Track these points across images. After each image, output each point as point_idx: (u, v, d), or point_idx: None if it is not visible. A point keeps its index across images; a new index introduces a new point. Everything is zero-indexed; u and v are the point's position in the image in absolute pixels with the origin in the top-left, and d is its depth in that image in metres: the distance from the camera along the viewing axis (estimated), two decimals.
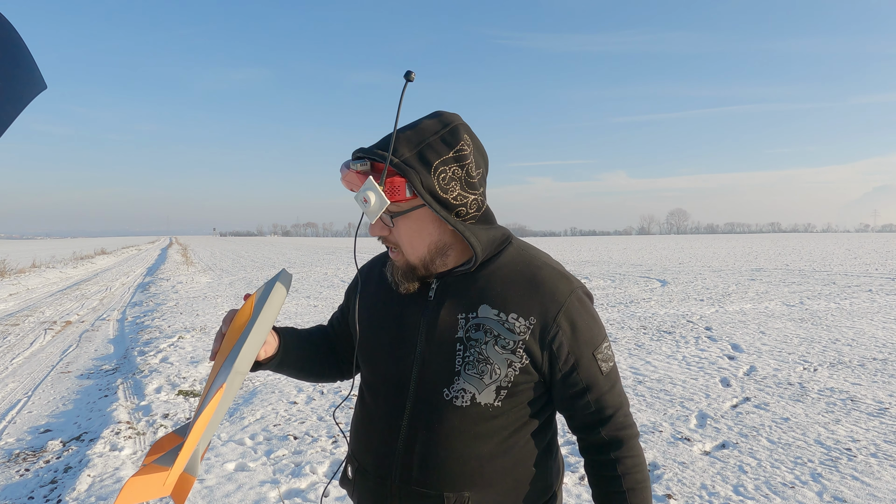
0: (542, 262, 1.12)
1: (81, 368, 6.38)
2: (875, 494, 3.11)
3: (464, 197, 1.04)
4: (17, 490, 3.39)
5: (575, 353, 1.07)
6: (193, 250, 44.48)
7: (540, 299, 1.06)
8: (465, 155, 1.04)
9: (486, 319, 1.06)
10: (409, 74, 1.00)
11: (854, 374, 5.51)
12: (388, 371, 1.13)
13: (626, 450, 1.09)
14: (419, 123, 1.06)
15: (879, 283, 13.69)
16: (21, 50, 1.14)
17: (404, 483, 1.09)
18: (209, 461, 3.63)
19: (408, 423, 1.10)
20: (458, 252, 1.11)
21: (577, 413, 1.10)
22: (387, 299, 1.18)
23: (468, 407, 1.06)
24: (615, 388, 1.11)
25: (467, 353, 1.05)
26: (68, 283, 16.75)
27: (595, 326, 1.10)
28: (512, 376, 1.05)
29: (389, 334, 1.14)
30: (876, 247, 37.48)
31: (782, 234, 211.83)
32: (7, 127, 1.10)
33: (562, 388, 1.09)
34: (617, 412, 1.10)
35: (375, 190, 0.98)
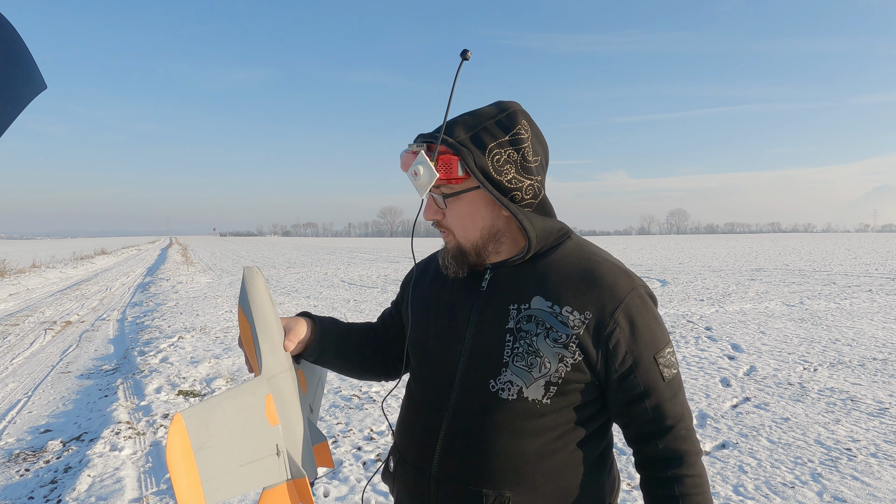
0: (601, 257, 1.08)
1: (81, 368, 6.38)
2: (875, 494, 3.11)
3: (519, 181, 1.02)
4: (17, 490, 3.39)
5: (633, 354, 1.00)
6: (193, 250, 44.49)
7: (597, 294, 1.01)
8: (521, 139, 1.02)
9: (538, 311, 1.02)
10: (465, 53, 0.99)
11: (854, 374, 5.51)
12: (436, 360, 1.11)
13: (687, 467, 1.00)
14: (478, 110, 1.06)
15: (879, 283, 13.69)
16: (21, 50, 1.14)
17: (443, 476, 1.06)
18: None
19: (451, 414, 1.06)
20: (512, 241, 1.08)
21: (633, 421, 1.03)
22: (440, 290, 1.16)
23: (514, 401, 1.02)
24: (677, 397, 1.03)
25: (517, 344, 1.02)
26: (68, 283, 16.75)
27: (658, 329, 1.04)
28: (563, 372, 1.00)
29: (440, 324, 1.13)
30: (876, 247, 37.49)
31: (782, 234, 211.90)
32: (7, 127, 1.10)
33: (617, 392, 1.02)
34: (678, 424, 1.02)
35: (425, 163, 0.98)
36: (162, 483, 3.37)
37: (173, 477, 0.86)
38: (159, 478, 3.45)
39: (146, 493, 3.27)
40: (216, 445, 0.92)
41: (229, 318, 9.27)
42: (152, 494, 3.24)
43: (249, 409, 0.99)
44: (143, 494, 3.25)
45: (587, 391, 1.03)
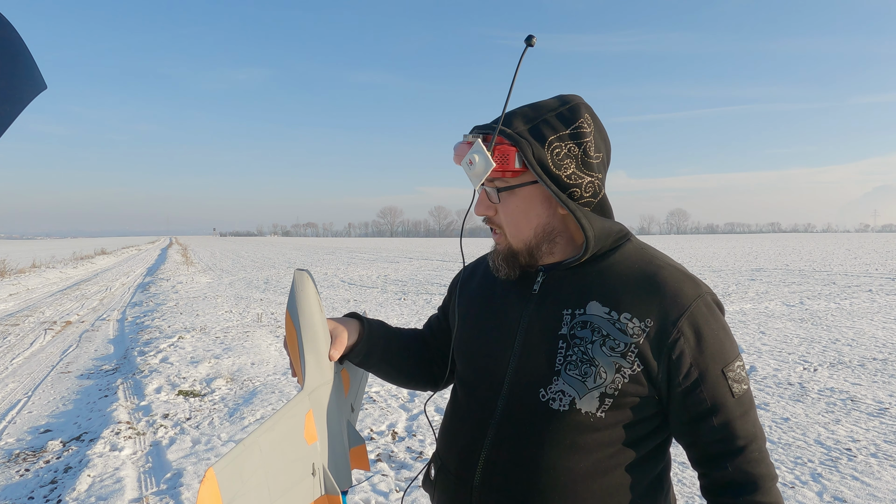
0: (664, 261, 1.01)
1: (81, 368, 6.38)
2: (875, 494, 3.11)
3: (579, 177, 0.97)
4: (17, 490, 3.39)
5: (699, 366, 0.92)
6: (193, 250, 44.49)
7: (660, 300, 0.94)
8: (583, 133, 0.97)
9: (594, 317, 0.96)
10: (531, 39, 0.94)
11: (854, 374, 5.51)
12: (483, 366, 1.06)
13: (762, 494, 0.91)
14: (539, 102, 1.01)
15: (879, 283, 13.70)
16: (21, 50, 1.14)
17: (486, 488, 1.00)
18: (209, 462, 3.63)
19: (497, 422, 1.00)
20: (567, 242, 1.03)
21: (699, 440, 0.95)
22: (489, 293, 1.12)
23: (566, 412, 0.95)
24: (749, 415, 0.94)
25: (570, 351, 0.95)
26: (68, 284, 16.76)
27: (727, 340, 0.95)
28: (619, 384, 0.93)
29: (488, 328, 1.07)
30: (876, 247, 37.49)
31: (782, 234, 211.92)
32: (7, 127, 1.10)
33: (681, 408, 0.94)
34: (750, 444, 0.93)
35: (481, 152, 0.94)
36: (162, 483, 3.38)
37: None
38: (159, 478, 3.45)
39: (146, 493, 3.27)
40: (250, 492, 0.86)
41: (229, 318, 9.28)
42: (152, 494, 3.24)
43: (288, 437, 0.94)
44: (143, 494, 3.25)
45: (646, 406, 0.96)
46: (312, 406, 1.01)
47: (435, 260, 26.27)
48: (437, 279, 15.92)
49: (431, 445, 3.85)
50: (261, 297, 12.34)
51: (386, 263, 23.89)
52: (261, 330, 8.17)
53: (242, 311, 10.04)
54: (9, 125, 1.10)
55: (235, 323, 8.85)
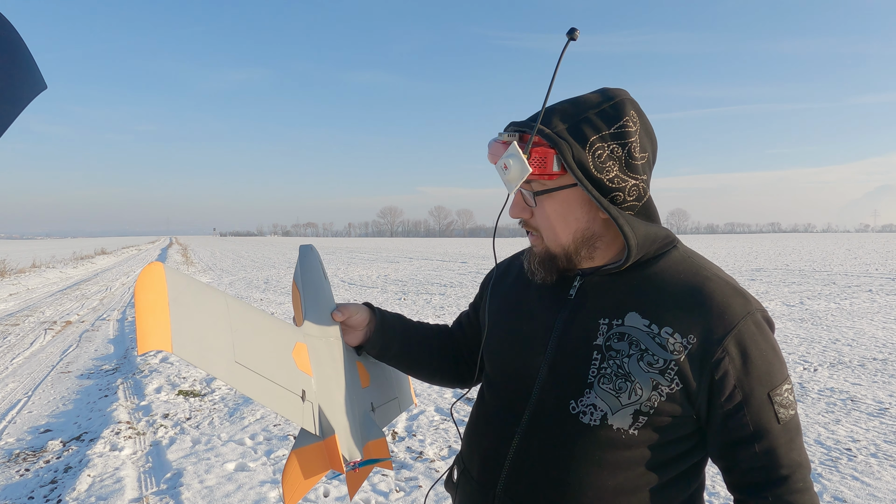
0: (712, 272, 0.94)
1: (81, 368, 6.38)
2: (875, 494, 3.11)
3: (622, 180, 0.91)
4: (17, 490, 3.39)
5: (744, 388, 0.87)
6: (193, 250, 44.50)
7: (705, 315, 0.88)
8: (628, 133, 0.91)
9: (633, 329, 0.90)
10: (573, 32, 0.87)
11: (854, 374, 5.51)
12: (512, 370, 1.01)
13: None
14: (580, 97, 0.94)
15: (879, 283, 13.70)
16: (21, 50, 1.13)
17: (508, 496, 0.97)
18: (209, 461, 3.63)
19: (524, 431, 0.96)
20: (608, 246, 0.97)
21: (738, 466, 0.89)
22: (522, 294, 1.07)
23: (597, 427, 0.90)
24: (794, 442, 0.89)
25: (604, 364, 0.90)
26: (68, 283, 16.75)
27: (776, 361, 0.89)
28: (656, 402, 0.88)
29: (519, 330, 1.02)
30: (876, 247, 37.49)
31: (782, 234, 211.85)
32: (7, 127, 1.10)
33: (721, 431, 0.89)
34: (794, 474, 0.87)
35: (517, 156, 0.88)
36: (162, 483, 3.38)
37: (137, 303, 0.79)
38: (159, 478, 3.45)
39: (146, 493, 3.27)
40: (201, 316, 0.87)
41: None
42: (152, 494, 3.24)
43: (269, 333, 0.97)
44: (143, 494, 3.25)
45: (682, 425, 0.91)
46: (308, 345, 1.05)
47: (435, 260, 26.27)
48: (437, 279, 15.92)
49: (431, 445, 3.85)
50: (261, 297, 12.33)
51: (386, 263, 23.89)
52: None
53: None
54: (9, 125, 1.10)
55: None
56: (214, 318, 0.89)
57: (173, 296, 0.83)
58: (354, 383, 1.12)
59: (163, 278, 0.84)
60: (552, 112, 0.93)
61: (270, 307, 10.56)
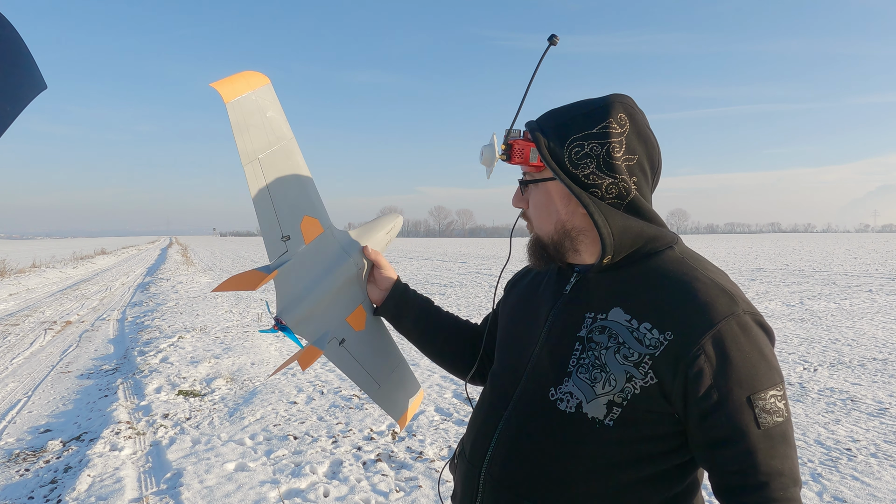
0: (703, 273, 0.93)
1: (81, 368, 6.38)
2: (875, 494, 3.11)
3: (598, 177, 0.95)
4: (17, 490, 3.39)
5: (720, 389, 0.85)
6: (193, 250, 44.49)
7: (685, 313, 0.88)
8: (610, 133, 0.95)
9: (614, 323, 0.93)
10: (553, 38, 0.98)
11: (854, 374, 5.51)
12: (510, 360, 1.10)
13: None
14: (583, 100, 1.02)
15: (879, 283, 13.70)
16: (21, 50, 1.13)
17: (489, 476, 1.03)
18: (209, 461, 3.63)
19: (508, 415, 1.03)
20: (593, 242, 1.01)
21: (716, 469, 0.89)
22: (532, 292, 1.15)
23: (572, 414, 0.94)
24: (777, 450, 0.85)
25: (584, 354, 0.95)
26: (68, 283, 16.75)
27: (762, 365, 0.87)
28: (629, 394, 0.89)
29: (521, 324, 1.11)
30: (876, 247, 37.49)
31: (782, 234, 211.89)
32: (7, 127, 1.10)
33: (697, 430, 0.88)
34: (772, 482, 0.84)
35: (490, 145, 1.03)
36: (162, 483, 3.38)
37: None
38: (159, 478, 3.45)
39: (146, 493, 3.27)
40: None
41: (229, 318, 9.27)
42: (152, 494, 3.24)
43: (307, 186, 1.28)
44: (143, 494, 3.25)
45: (660, 422, 0.91)
46: (322, 234, 1.27)
47: (435, 260, 26.26)
48: (437, 279, 15.92)
49: (432, 445, 3.85)
50: (261, 297, 12.33)
51: None
52: None
53: (242, 311, 10.04)
54: (9, 125, 1.10)
55: (235, 323, 8.85)
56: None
57: None
58: (340, 300, 1.24)
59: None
60: (552, 112, 1.02)
61: (272, 307, 10.56)
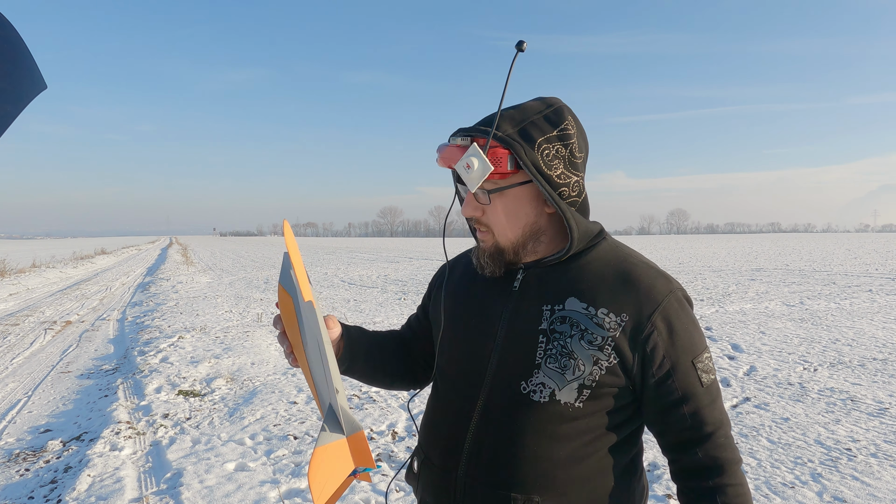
0: (638, 259, 1.06)
1: (81, 368, 6.38)
2: (875, 494, 3.11)
3: (567, 177, 1.01)
4: (17, 490, 3.39)
5: (671, 358, 0.98)
6: (193, 250, 44.48)
7: (634, 296, 0.99)
8: (569, 134, 1.02)
9: (572, 312, 1.00)
10: (521, 44, 0.98)
11: (854, 374, 5.51)
12: (465, 360, 1.09)
13: (729, 476, 0.97)
14: (522, 104, 1.04)
15: (879, 283, 13.70)
16: (21, 50, 1.13)
17: (470, 479, 1.04)
18: (209, 461, 3.63)
19: (479, 415, 1.04)
20: (551, 240, 1.07)
21: (671, 428, 1.00)
22: (470, 289, 1.14)
23: (546, 403, 0.99)
24: (716, 403, 1.00)
25: (550, 345, 1.00)
26: (68, 283, 16.75)
27: (696, 333, 1.01)
28: (597, 375, 0.98)
29: (470, 323, 1.10)
30: (876, 247, 37.49)
31: (782, 234, 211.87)
32: (7, 127, 1.10)
33: (654, 398, 1.00)
34: (717, 431, 0.99)
35: (479, 155, 0.96)
36: (162, 483, 3.38)
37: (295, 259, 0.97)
38: (159, 478, 3.45)
39: (146, 492, 3.27)
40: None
41: (229, 318, 9.27)
42: (152, 494, 3.24)
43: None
44: (143, 494, 3.25)
45: (621, 396, 1.01)
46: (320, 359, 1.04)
47: (435, 260, 26.26)
48: None
49: None
50: (261, 296, 12.33)
51: (386, 263, 23.89)
52: (261, 330, 8.17)
53: (242, 311, 10.04)
54: (9, 125, 1.10)
55: (235, 323, 8.85)
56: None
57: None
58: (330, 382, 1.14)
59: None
60: (501, 118, 1.01)
61: (270, 307, 10.56)
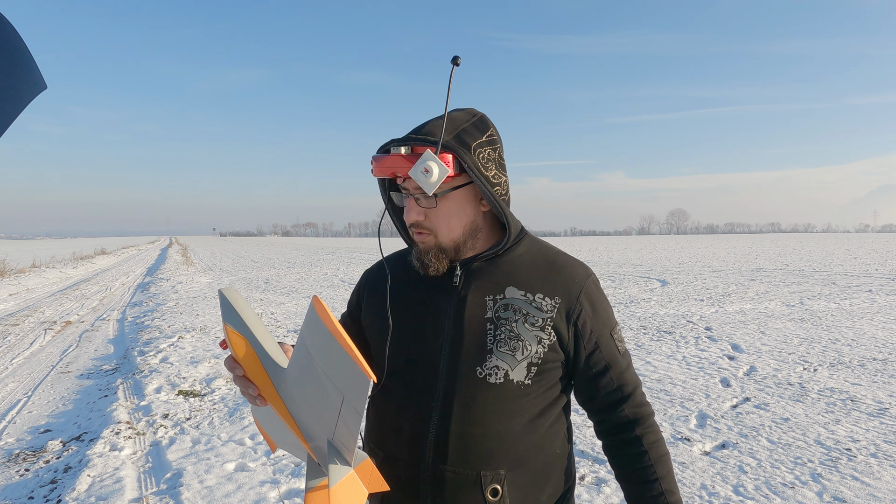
0: (557, 250, 1.22)
1: (81, 368, 6.38)
2: (875, 494, 3.11)
3: (499, 177, 1.11)
4: (17, 490, 3.39)
5: (596, 332, 1.13)
6: (193, 250, 44.47)
7: (563, 281, 1.13)
8: (495, 140, 1.13)
9: (514, 300, 1.11)
10: (456, 59, 1.04)
11: (854, 374, 5.51)
12: (417, 357, 1.14)
13: (649, 426, 1.14)
14: (449, 114, 1.11)
15: (879, 283, 13.69)
16: (21, 50, 1.13)
17: (438, 465, 1.09)
18: (209, 461, 3.63)
19: (441, 403, 1.10)
20: (486, 236, 1.17)
21: (600, 392, 1.14)
22: (409, 289, 1.19)
23: (502, 384, 1.09)
24: (631, 366, 1.17)
25: (498, 331, 1.09)
26: (68, 283, 16.75)
27: (609, 309, 1.18)
28: (541, 353, 1.09)
29: (415, 320, 1.16)
30: (876, 247, 37.48)
31: (782, 234, 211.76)
32: (7, 127, 1.10)
33: (585, 368, 1.14)
34: (636, 389, 1.15)
35: (436, 160, 1.02)
36: (162, 483, 3.38)
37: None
38: (159, 478, 3.45)
39: (146, 493, 3.27)
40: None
41: None
42: (152, 494, 3.24)
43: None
44: (143, 494, 3.25)
45: (559, 370, 1.14)
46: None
47: None
48: None
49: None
50: (261, 297, 12.33)
51: None
52: None
53: None
54: (9, 125, 1.10)
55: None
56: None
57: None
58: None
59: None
60: (435, 126, 1.08)
61: (270, 307, 10.57)
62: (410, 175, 1.04)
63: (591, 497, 3.11)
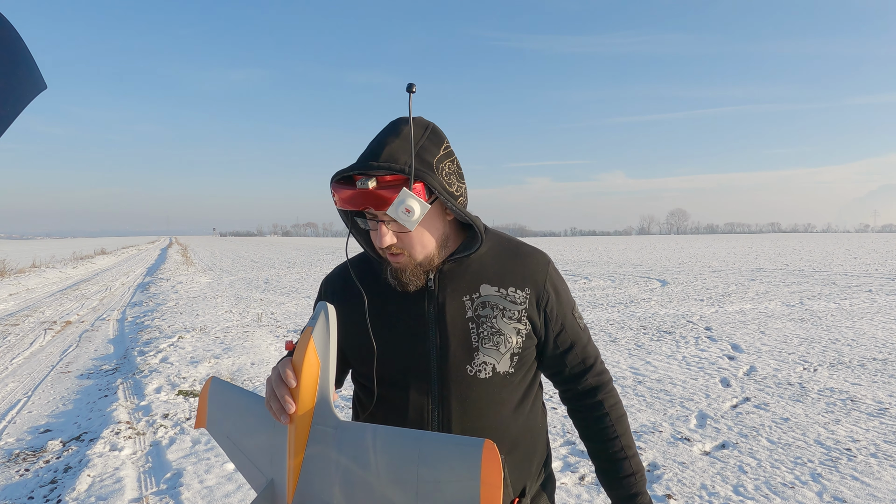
0: (516, 240, 1.28)
1: (81, 368, 6.38)
2: (875, 494, 3.11)
3: (460, 187, 1.14)
4: (17, 490, 3.39)
5: (561, 314, 1.22)
6: (193, 250, 44.47)
7: (529, 271, 1.21)
8: (451, 151, 1.15)
9: (489, 297, 1.17)
10: (411, 87, 1.04)
11: (854, 374, 5.51)
12: (409, 364, 1.17)
13: (609, 390, 1.27)
14: (399, 131, 1.09)
15: (879, 283, 13.69)
16: (21, 50, 1.13)
17: None
18: (209, 461, 3.63)
19: (438, 405, 1.16)
20: (454, 240, 1.21)
21: (566, 367, 1.24)
22: (384, 301, 1.19)
23: (491, 377, 1.16)
24: (591, 339, 1.28)
25: (481, 329, 1.15)
26: (68, 283, 16.75)
27: (568, 289, 1.28)
28: (520, 343, 1.17)
29: (399, 333, 1.17)
30: (876, 247, 37.47)
31: (782, 234, 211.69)
32: (7, 127, 1.10)
33: (554, 348, 1.23)
34: (597, 360, 1.27)
35: (415, 198, 1.02)
36: (162, 483, 3.38)
37: None
38: (159, 478, 3.45)
39: (146, 493, 3.27)
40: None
41: (229, 318, 9.27)
42: (152, 494, 3.24)
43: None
44: (143, 494, 3.25)
45: (532, 353, 1.22)
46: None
47: None
48: None
49: None
50: (261, 297, 12.33)
51: None
52: (261, 330, 8.17)
53: (242, 311, 10.04)
54: (9, 125, 1.10)
55: (235, 323, 8.85)
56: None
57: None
58: None
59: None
60: (392, 150, 1.06)
61: (270, 307, 10.57)
62: (390, 214, 1.03)
63: (590, 497, 3.11)
